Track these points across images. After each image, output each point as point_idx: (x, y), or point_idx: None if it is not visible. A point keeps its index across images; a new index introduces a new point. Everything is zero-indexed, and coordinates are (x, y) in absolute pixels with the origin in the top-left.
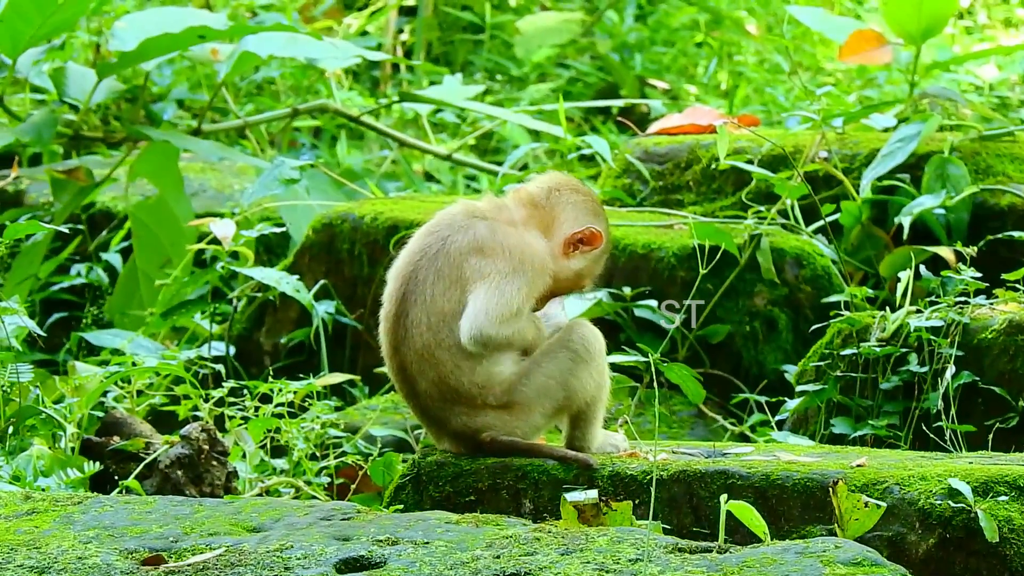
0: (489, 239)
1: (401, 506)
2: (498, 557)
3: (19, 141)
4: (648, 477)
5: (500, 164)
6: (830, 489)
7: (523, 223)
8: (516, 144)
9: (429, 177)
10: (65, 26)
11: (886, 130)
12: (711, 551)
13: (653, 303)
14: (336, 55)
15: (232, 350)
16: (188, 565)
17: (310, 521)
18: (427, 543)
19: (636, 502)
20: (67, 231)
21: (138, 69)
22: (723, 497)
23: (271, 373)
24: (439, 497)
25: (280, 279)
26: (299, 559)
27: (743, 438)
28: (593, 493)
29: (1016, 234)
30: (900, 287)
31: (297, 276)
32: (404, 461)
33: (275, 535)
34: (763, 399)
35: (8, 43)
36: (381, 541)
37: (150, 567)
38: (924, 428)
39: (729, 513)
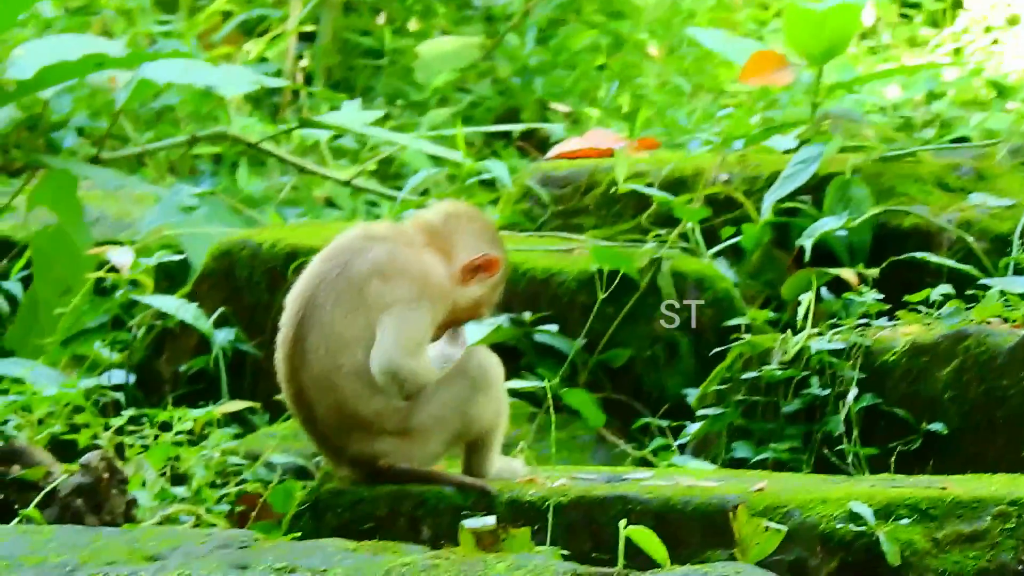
0: (389, 262)
1: (299, 534)
2: None
3: None
4: (547, 503)
5: (400, 190)
6: (730, 514)
7: (422, 246)
8: (416, 169)
9: (330, 203)
10: None
11: (787, 152)
12: None
13: (553, 328)
14: (234, 81)
15: (132, 378)
16: None
17: (208, 549)
18: (325, 571)
19: (535, 528)
20: None
21: (37, 97)
22: (622, 523)
23: (171, 401)
24: (338, 525)
25: (179, 307)
26: None
27: (644, 463)
28: (491, 520)
29: (918, 255)
30: (801, 309)
31: (196, 304)
32: (304, 488)
33: (173, 563)
34: (665, 423)
35: None
36: (279, 569)
37: None
38: (826, 451)
39: (629, 539)
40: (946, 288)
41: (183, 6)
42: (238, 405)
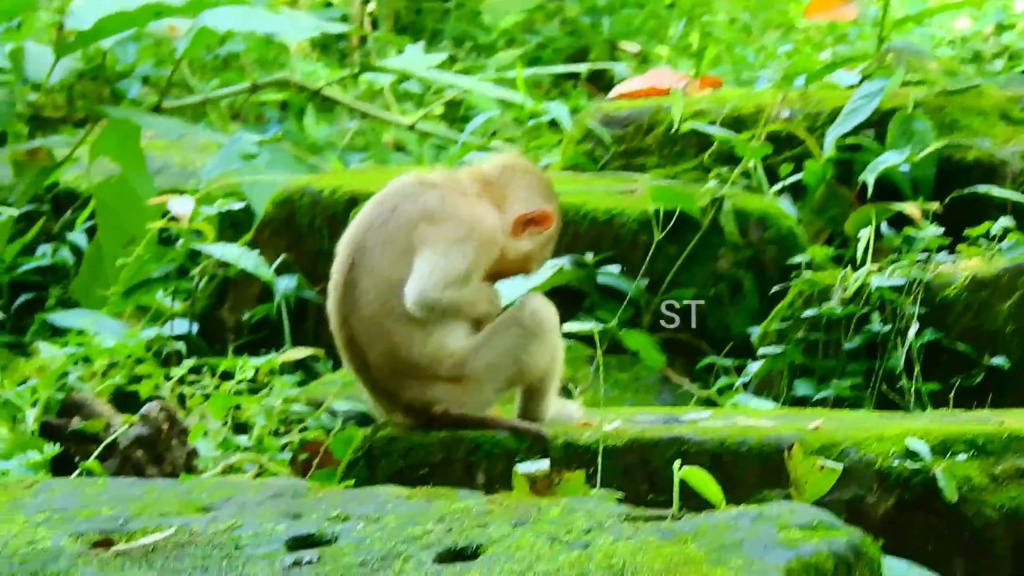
0: (439, 207)
1: (353, 481)
2: (450, 530)
3: None
4: (602, 446)
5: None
6: (785, 453)
7: (475, 195)
8: (483, 112)
9: (399, 148)
10: (20, 7)
11: (850, 87)
12: (664, 519)
13: (616, 268)
14: (295, 28)
15: (195, 327)
16: (138, 546)
17: (261, 499)
18: (378, 518)
19: (590, 472)
20: (20, 212)
21: (100, 48)
22: (676, 463)
23: (233, 350)
24: (392, 471)
25: (240, 255)
26: (249, 537)
27: (709, 402)
28: (545, 464)
29: (982, 188)
30: (860, 245)
31: (257, 251)
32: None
33: (225, 514)
34: (729, 362)
35: None
36: (332, 518)
37: (100, 549)
38: (888, 388)
39: (684, 480)
40: (1007, 221)
41: None
42: (301, 353)
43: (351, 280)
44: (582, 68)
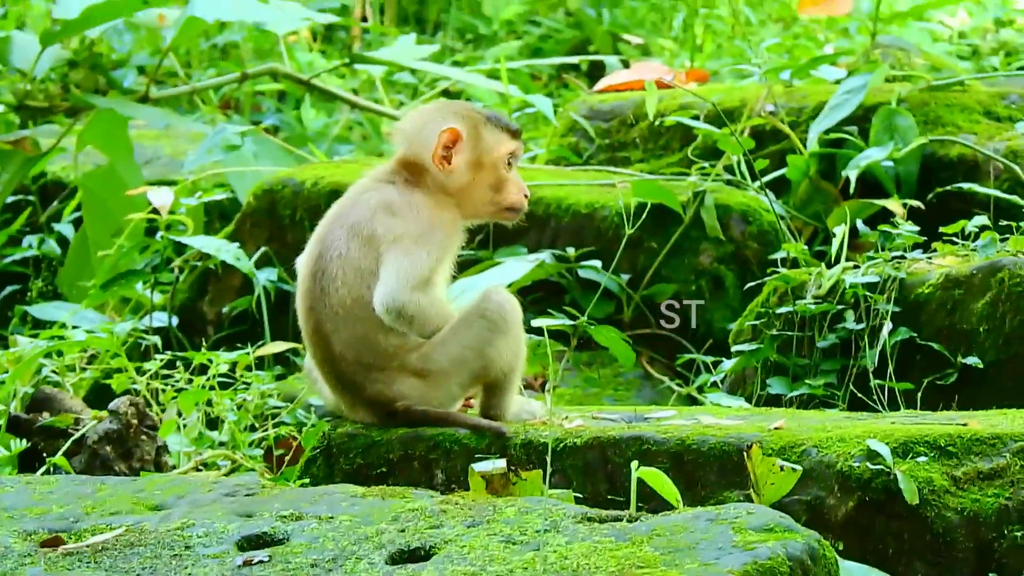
0: (396, 198)
1: (308, 480)
2: (403, 531)
3: None
4: (561, 445)
5: None
6: (745, 453)
7: (411, 182)
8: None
9: None
10: None
11: (836, 82)
12: (621, 520)
13: (597, 263)
14: (284, 18)
15: (175, 320)
16: (87, 546)
17: (214, 498)
18: (332, 518)
19: (552, 470)
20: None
21: (98, 36)
22: (634, 464)
23: (213, 343)
24: (350, 469)
25: (220, 247)
26: (200, 537)
27: (690, 399)
28: (501, 463)
29: (966, 186)
30: (835, 242)
31: (238, 243)
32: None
33: (177, 513)
34: (709, 359)
35: None
36: (285, 517)
37: (48, 548)
38: (862, 386)
39: (644, 480)
40: (982, 219)
41: None
42: (279, 347)
43: (318, 270)
44: (574, 60)
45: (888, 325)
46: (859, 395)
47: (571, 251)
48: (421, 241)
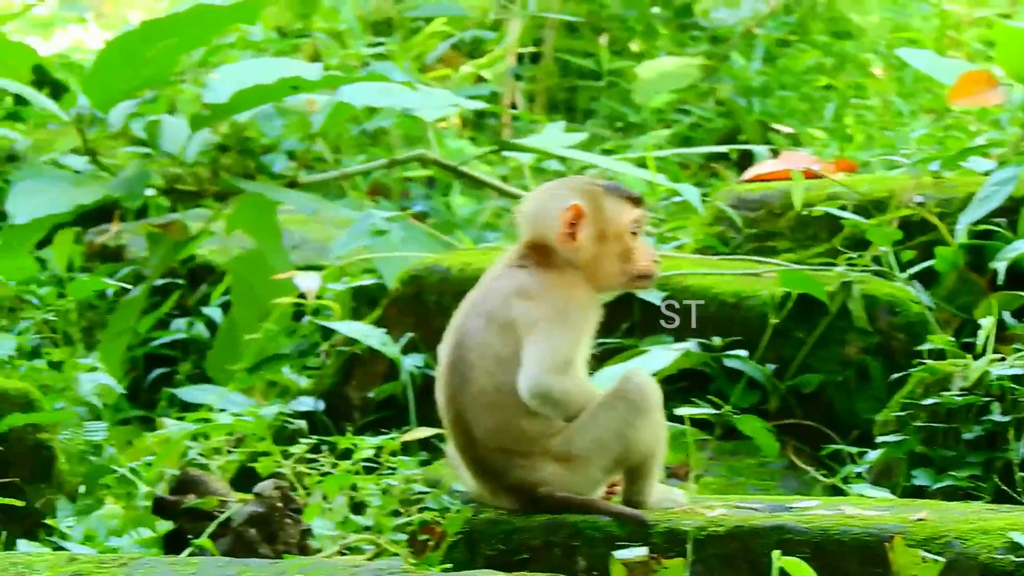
0: (529, 281)
1: (450, 565)
2: None
3: (110, 196)
4: (703, 533)
5: None
6: (887, 545)
7: (542, 263)
8: None
9: None
10: (156, 80)
11: (986, 173)
12: None
13: (743, 352)
14: (433, 104)
15: (322, 404)
16: None
17: None
18: None
19: (693, 559)
20: (155, 285)
21: (249, 121)
22: (775, 553)
23: (359, 428)
24: (491, 555)
25: (367, 333)
26: None
27: (835, 490)
28: (643, 551)
29: None
30: (982, 334)
31: (385, 329)
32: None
33: None
34: (854, 450)
35: (99, 97)
36: None
37: None
38: (1007, 479)
39: (784, 570)
40: None
41: (398, 28)
42: (425, 432)
43: (459, 359)
44: (722, 149)
45: None
46: (1004, 487)
47: (717, 340)
48: (559, 323)
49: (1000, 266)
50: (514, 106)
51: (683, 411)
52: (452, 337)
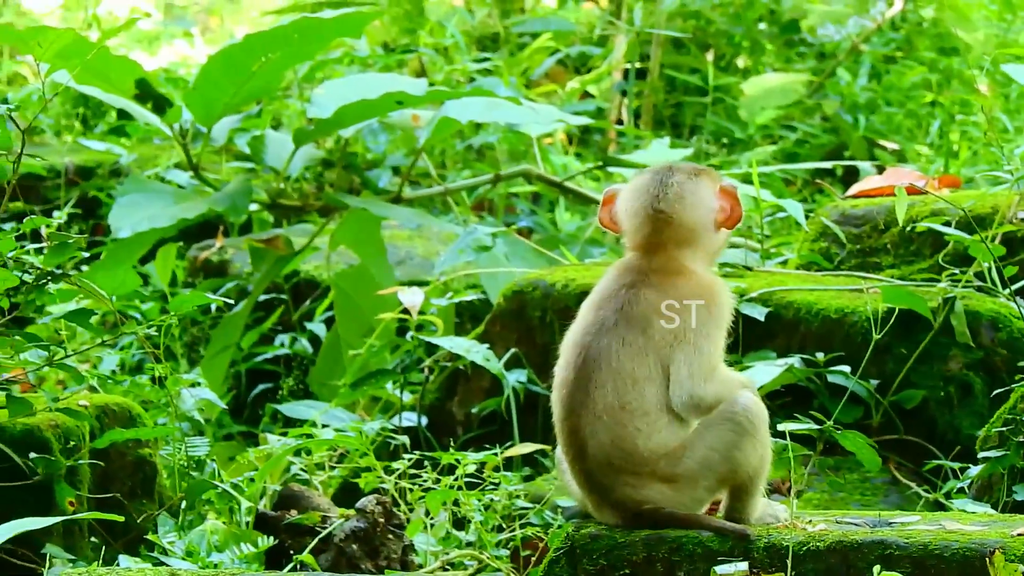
0: (671, 293)
1: None
2: None
3: (213, 211)
4: (804, 548)
5: None
6: (987, 559)
7: (683, 261)
8: None
9: None
10: (260, 94)
11: None
12: None
13: (846, 368)
14: (538, 120)
15: (425, 420)
16: None
17: None
18: None
19: (793, 574)
20: (258, 300)
21: (354, 136)
22: (876, 568)
23: (462, 443)
24: (593, 570)
25: (470, 348)
26: None
27: (937, 505)
28: (744, 566)
29: None
30: None
31: (488, 344)
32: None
33: None
34: (956, 465)
35: (202, 112)
36: None
37: None
38: None
39: None
40: None
41: (504, 44)
42: (527, 448)
43: (584, 376)
44: (827, 165)
45: None
46: None
47: (820, 356)
48: (700, 330)
49: None
50: (620, 122)
51: (785, 427)
52: (575, 352)
